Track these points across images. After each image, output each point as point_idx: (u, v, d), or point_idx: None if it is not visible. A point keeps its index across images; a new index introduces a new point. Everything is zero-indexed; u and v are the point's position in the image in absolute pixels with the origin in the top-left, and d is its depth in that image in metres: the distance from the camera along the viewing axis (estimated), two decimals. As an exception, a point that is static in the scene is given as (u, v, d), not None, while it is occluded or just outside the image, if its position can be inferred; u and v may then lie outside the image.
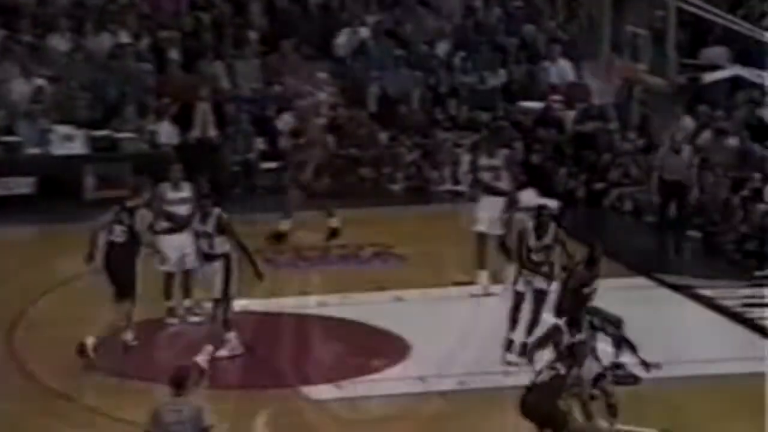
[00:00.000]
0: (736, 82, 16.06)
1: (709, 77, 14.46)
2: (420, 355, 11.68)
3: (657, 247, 14.96)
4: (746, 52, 16.80)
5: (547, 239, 11.37)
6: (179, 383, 8.25)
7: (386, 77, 19.11)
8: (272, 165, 18.15)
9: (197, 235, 11.70)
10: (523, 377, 11.01)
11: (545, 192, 17.36)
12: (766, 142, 16.18)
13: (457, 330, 12.16)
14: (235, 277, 11.55)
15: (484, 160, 13.26)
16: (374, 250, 14.78)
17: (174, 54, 18.72)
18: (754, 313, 12.69)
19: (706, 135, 16.86)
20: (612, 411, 9.73)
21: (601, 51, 16.04)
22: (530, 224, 11.52)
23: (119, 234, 11.70)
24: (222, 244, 11.53)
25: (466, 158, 18.34)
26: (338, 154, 18.24)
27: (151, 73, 18.50)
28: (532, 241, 11.38)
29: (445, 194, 17.86)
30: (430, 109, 18.85)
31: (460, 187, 18.09)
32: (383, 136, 18.45)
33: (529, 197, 17.43)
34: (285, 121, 18.46)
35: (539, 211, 11.69)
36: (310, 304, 12.70)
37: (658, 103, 17.71)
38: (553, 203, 17.17)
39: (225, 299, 11.54)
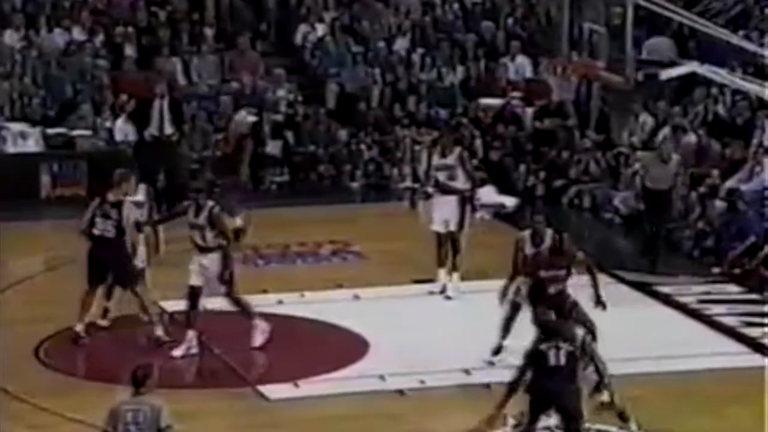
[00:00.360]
0: (693, 79, 16.18)
1: (666, 74, 14.51)
2: (379, 353, 11.69)
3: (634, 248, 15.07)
4: (703, 49, 16.92)
5: (544, 246, 11.29)
6: (140, 382, 8.19)
7: (344, 74, 19.11)
8: (229, 162, 18.12)
9: (191, 227, 11.66)
10: (483, 375, 11.09)
11: (504, 189, 17.43)
12: (724, 138, 16.31)
13: (417, 328, 12.19)
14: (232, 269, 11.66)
15: (438, 160, 13.29)
16: (333, 247, 14.78)
17: (130, 50, 18.63)
18: (712, 309, 12.79)
19: (665, 132, 16.99)
20: (623, 417, 9.81)
21: (559, 48, 16.07)
22: (526, 233, 11.42)
23: (108, 228, 11.70)
24: (216, 237, 11.61)
25: (425, 156, 18.41)
26: (297, 152, 18.25)
27: (107, 70, 18.41)
28: (528, 250, 11.30)
29: (404, 192, 17.88)
30: (389, 106, 18.87)
31: (419, 185, 18.12)
32: (342, 134, 18.45)
33: (488, 194, 17.52)
34: (243, 117, 18.44)
35: (533, 219, 11.60)
36: (268, 303, 12.67)
37: (617, 99, 17.81)
38: (512, 200, 17.28)
39: (230, 290, 11.66)
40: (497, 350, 11.39)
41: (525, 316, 10.84)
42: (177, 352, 11.51)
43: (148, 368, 8.32)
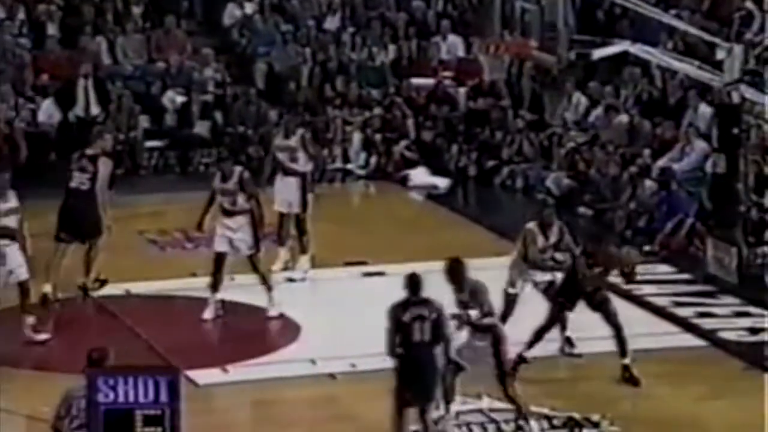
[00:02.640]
0: (625, 59, 16.36)
1: (599, 53, 14.68)
2: (310, 337, 11.75)
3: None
4: (635, 28, 17.12)
5: (553, 237, 11.32)
6: (95, 363, 7.89)
7: (274, 53, 19.07)
8: (157, 144, 18.04)
9: (220, 193, 12.10)
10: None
11: (437, 170, 17.55)
12: (655, 118, 16.52)
13: (348, 311, 12.26)
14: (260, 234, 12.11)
15: (280, 140, 13.40)
16: (264, 230, 14.79)
17: (52, 29, 18.45)
18: (643, 290, 12.98)
19: (597, 112, 17.17)
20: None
21: (491, 27, 16.19)
22: (533, 225, 11.36)
23: (84, 182, 12.22)
24: (245, 202, 12.04)
25: (357, 136, 18.47)
26: (226, 132, 18.21)
27: (28, 49, 18.21)
28: (540, 242, 11.29)
29: (334, 173, 17.93)
30: (319, 86, 18.87)
31: (350, 165, 18.18)
32: (272, 114, 18.43)
33: (420, 175, 17.62)
34: (170, 98, 18.36)
35: (542, 210, 11.57)
36: (198, 286, 12.66)
37: (549, 79, 17.96)
38: (444, 181, 17.40)
39: (256, 252, 12.03)
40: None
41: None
42: (207, 315, 11.92)
43: (103, 351, 8.04)
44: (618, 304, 11.24)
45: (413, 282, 9.28)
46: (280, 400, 10.57)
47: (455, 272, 9.58)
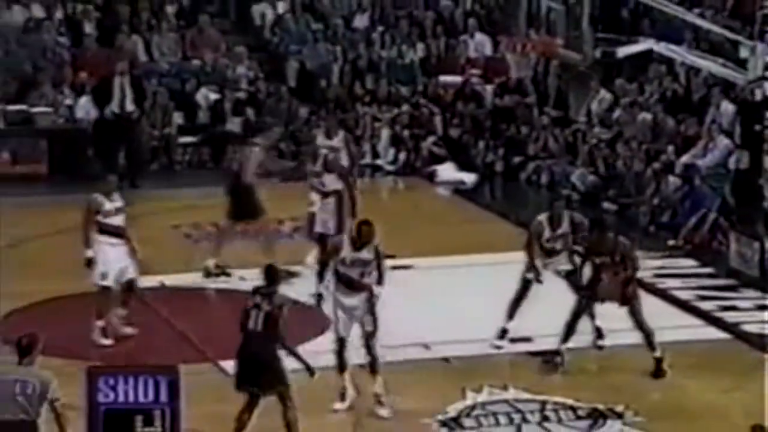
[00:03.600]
0: (649, 57, 16.24)
1: (624, 51, 14.57)
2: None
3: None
4: (659, 27, 16.99)
5: (562, 229, 11.20)
6: (24, 350, 7.78)
7: (305, 51, 19.05)
8: (191, 139, 18.05)
9: (312, 175, 12.41)
10: (442, 350, 11.13)
11: (464, 166, 17.48)
12: (679, 115, 16.39)
13: (378, 304, 12.17)
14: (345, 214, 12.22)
15: (322, 140, 13.16)
16: (294, 224, 14.74)
17: (89, 28, 18.50)
18: (667, 283, 12.87)
19: (621, 109, 17.05)
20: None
21: (517, 26, 16.09)
22: (544, 216, 11.23)
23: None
24: (333, 182, 12.23)
25: (385, 133, 18.41)
26: (257, 128, 18.19)
27: (67, 47, 18.26)
28: (547, 233, 11.14)
29: (364, 168, 17.87)
30: (349, 83, 18.83)
31: (379, 161, 18.13)
32: (303, 111, 18.41)
33: (447, 171, 17.55)
34: (203, 95, 18.37)
35: (552, 203, 11.50)
36: (230, 279, 12.62)
37: (575, 77, 17.86)
38: (471, 177, 17.32)
39: (339, 232, 11.95)
40: (502, 334, 11.25)
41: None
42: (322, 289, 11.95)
43: (33, 337, 7.89)
44: (643, 297, 11.12)
45: (268, 273, 9.35)
46: (307, 390, 10.52)
47: (364, 233, 9.94)
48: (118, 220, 11.39)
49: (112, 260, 11.21)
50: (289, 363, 9.29)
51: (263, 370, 9.14)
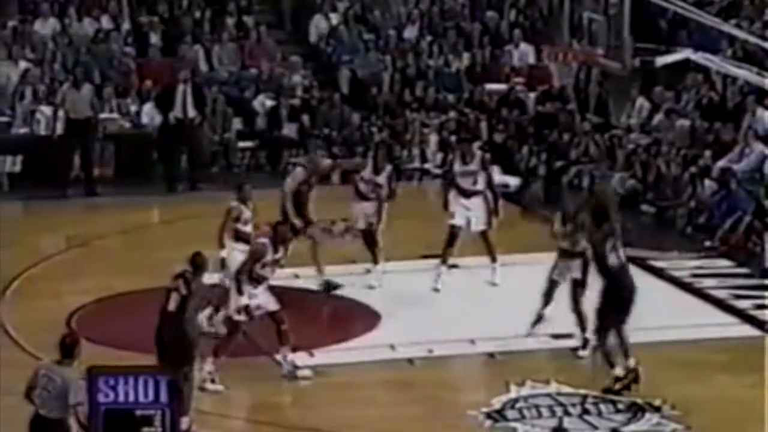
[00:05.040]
0: (686, 66, 16.12)
1: (662, 60, 14.48)
2: (389, 324, 11.71)
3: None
4: (696, 37, 16.87)
5: (570, 226, 10.99)
6: (66, 350, 7.71)
7: (357, 61, 19.09)
8: (249, 144, 18.14)
9: (462, 175, 12.45)
10: (487, 345, 11.11)
11: (508, 170, 17.42)
12: (716, 122, 16.26)
13: (426, 300, 12.21)
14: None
15: (459, 166, 12.93)
16: (346, 225, 14.77)
17: (155, 38, 18.65)
18: (703, 283, 12.78)
19: (660, 115, 16.95)
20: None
21: (560, 36, 16.03)
22: (559, 213, 11.16)
23: None
24: (483, 181, 12.48)
25: (433, 138, 18.40)
26: (312, 134, 18.25)
27: (133, 57, 18.43)
28: (555, 226, 11.01)
29: (413, 172, 17.88)
30: (399, 91, 18.85)
31: (427, 165, 18.12)
32: (355, 117, 18.44)
33: (492, 174, 17.50)
34: (260, 102, 18.46)
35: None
36: (286, 276, 12.67)
37: (615, 85, 17.77)
38: (515, 180, 17.27)
39: (489, 227, 12.42)
40: (537, 320, 11.21)
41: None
42: (437, 285, 12.25)
43: (74, 337, 7.85)
44: (681, 296, 11.06)
45: (193, 260, 9.40)
46: (361, 383, 10.55)
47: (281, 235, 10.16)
48: (249, 228, 11.39)
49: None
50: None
51: (171, 349, 9.12)
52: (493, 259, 12.69)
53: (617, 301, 10.16)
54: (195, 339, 9.24)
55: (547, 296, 11.13)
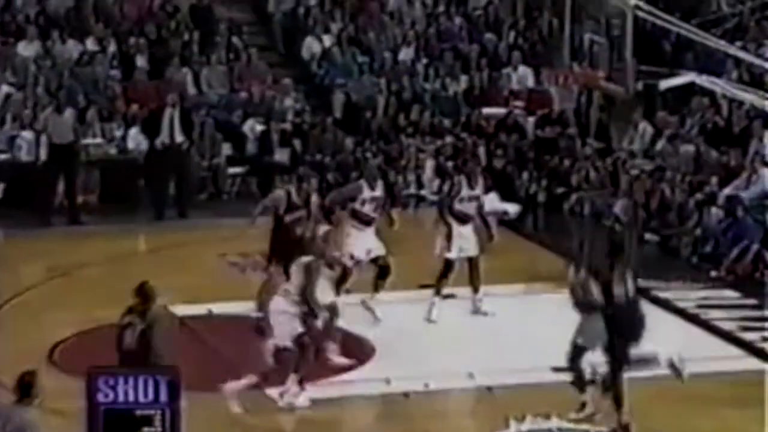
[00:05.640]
0: (691, 89, 16.23)
1: (665, 84, 14.59)
2: (385, 357, 11.72)
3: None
4: (701, 60, 16.98)
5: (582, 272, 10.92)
6: (23, 389, 7.59)
7: (351, 84, 19.17)
8: (238, 170, 18.19)
9: (462, 201, 12.61)
10: (486, 379, 11.13)
11: (507, 196, 17.48)
12: (722, 147, 16.34)
13: (422, 332, 12.22)
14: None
15: (466, 191, 12.97)
16: (340, 252, 14.79)
17: (141, 61, 18.72)
18: (709, 314, 12.81)
19: (663, 140, 17.03)
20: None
21: (560, 58, 16.13)
22: (571, 265, 10.79)
23: None
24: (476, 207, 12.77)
25: (429, 163, 18.47)
26: (304, 159, 18.30)
27: (119, 80, 18.50)
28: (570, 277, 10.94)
29: (408, 198, 17.92)
30: (393, 115, 18.93)
31: (423, 192, 18.17)
32: (348, 142, 18.51)
33: (491, 202, 17.54)
34: (250, 127, 18.52)
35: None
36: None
37: (617, 109, 17.86)
38: (514, 207, 17.32)
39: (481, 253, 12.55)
40: (581, 407, 10.92)
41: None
42: (433, 316, 12.33)
43: (32, 376, 7.70)
44: (687, 328, 11.08)
45: (140, 290, 9.13)
46: (355, 418, 10.55)
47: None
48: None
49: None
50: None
51: None
52: (476, 290, 12.66)
53: (617, 338, 10.05)
54: None
55: (574, 365, 10.50)
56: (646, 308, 13.28)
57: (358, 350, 11.93)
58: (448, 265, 12.67)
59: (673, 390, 10.84)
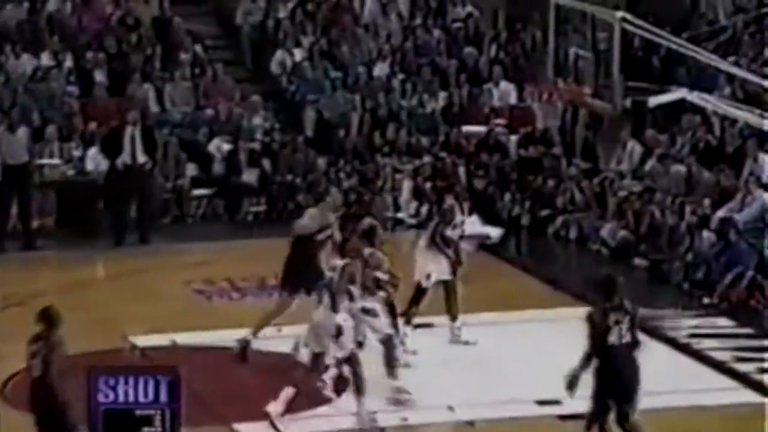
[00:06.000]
0: (682, 106, 16.33)
1: (655, 101, 14.69)
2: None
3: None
4: (692, 76, 17.10)
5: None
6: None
7: (323, 100, 19.21)
8: (204, 192, 18.18)
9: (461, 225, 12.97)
10: (467, 412, 11.13)
11: (489, 219, 17.51)
12: (714, 167, 16.43)
13: (399, 364, 12.20)
14: None
15: (459, 217, 13.23)
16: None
17: (100, 76, 18.71)
18: (702, 344, 12.86)
19: (653, 160, 17.11)
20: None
21: (544, 73, 16.23)
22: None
23: None
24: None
25: (407, 184, 18.51)
26: (274, 180, 18.31)
27: (76, 96, 18.47)
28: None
29: (384, 221, 17.92)
30: (368, 133, 18.96)
31: (400, 214, 18.20)
32: (321, 162, 18.53)
33: (472, 225, 17.58)
34: (216, 146, 18.52)
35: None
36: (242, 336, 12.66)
37: (604, 127, 17.95)
38: (496, 231, 17.35)
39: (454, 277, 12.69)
40: None
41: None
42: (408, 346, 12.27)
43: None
44: (677, 358, 11.11)
45: (44, 315, 9.37)
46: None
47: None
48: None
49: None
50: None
51: (51, 417, 8.93)
52: (454, 318, 12.69)
53: (610, 388, 9.85)
54: (66, 401, 9.02)
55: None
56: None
57: (334, 383, 11.91)
58: (421, 292, 12.70)
59: (663, 424, 10.86)
